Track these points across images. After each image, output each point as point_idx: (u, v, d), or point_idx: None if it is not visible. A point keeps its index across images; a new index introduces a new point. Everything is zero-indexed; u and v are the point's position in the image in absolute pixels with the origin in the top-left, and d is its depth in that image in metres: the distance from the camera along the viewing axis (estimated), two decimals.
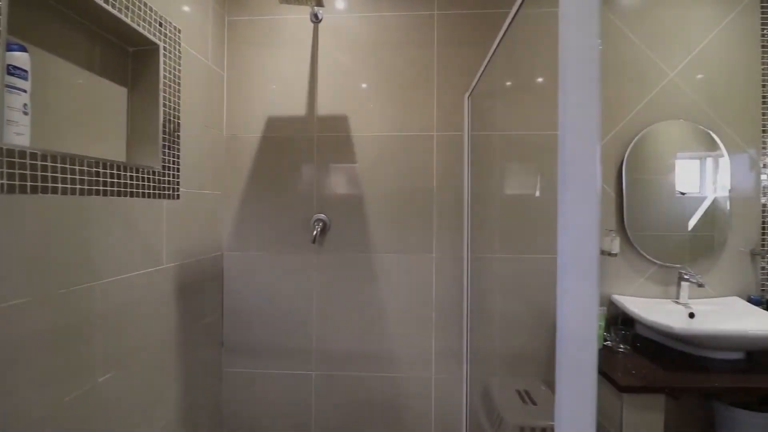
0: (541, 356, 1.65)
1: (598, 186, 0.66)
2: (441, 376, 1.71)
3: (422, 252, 1.71)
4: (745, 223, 1.68)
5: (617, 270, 1.67)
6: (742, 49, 1.70)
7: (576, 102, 0.69)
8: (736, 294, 1.64)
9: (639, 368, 1.28)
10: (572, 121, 0.68)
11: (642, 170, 1.70)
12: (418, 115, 1.72)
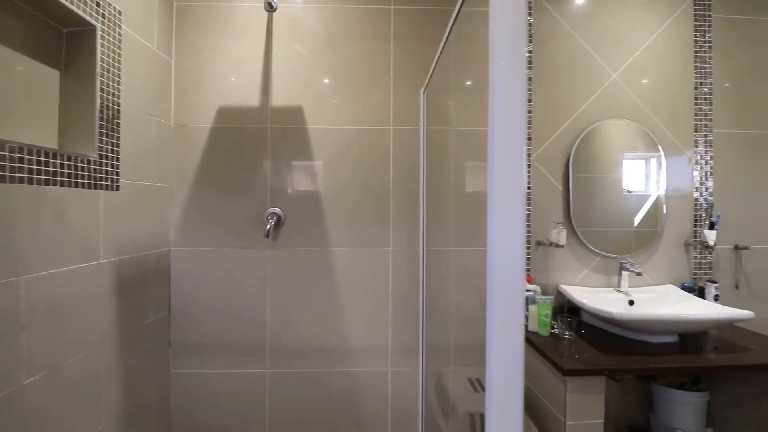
0: None
1: (523, 183, 0.68)
2: (398, 369, 1.71)
3: (379, 246, 1.71)
4: (680, 218, 1.80)
5: (565, 261, 1.74)
6: (677, 55, 1.83)
7: (504, 103, 0.72)
8: (671, 282, 1.76)
9: (582, 353, 1.34)
10: (500, 123, 0.71)
11: (592, 169, 1.78)
12: (375, 109, 1.72)
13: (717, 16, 1.84)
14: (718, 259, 1.80)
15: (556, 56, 1.77)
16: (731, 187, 1.82)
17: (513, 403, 0.70)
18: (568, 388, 1.25)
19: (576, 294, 1.60)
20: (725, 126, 1.83)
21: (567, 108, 1.77)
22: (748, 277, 1.81)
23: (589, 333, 1.54)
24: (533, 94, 1.76)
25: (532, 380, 1.51)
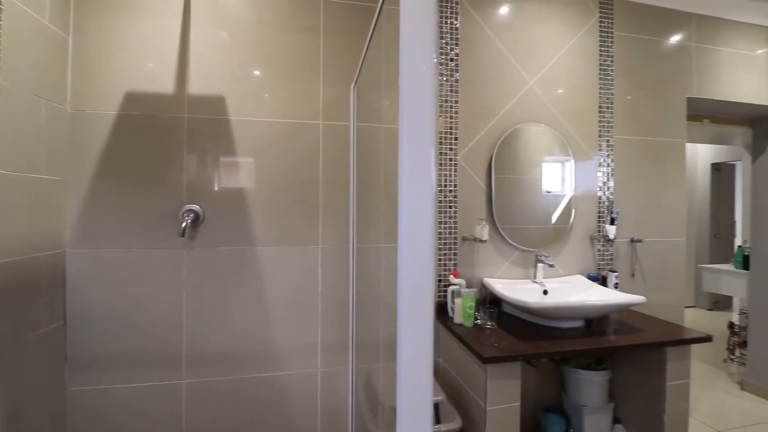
0: None
1: (432, 182, 0.70)
2: (328, 369, 1.68)
3: (308, 243, 1.66)
4: (586, 215, 1.99)
5: (488, 255, 1.83)
6: (585, 67, 2.01)
7: (413, 105, 0.73)
8: (579, 272, 1.94)
9: (501, 341, 1.41)
10: (409, 123, 0.72)
11: (515, 170, 1.89)
12: (304, 103, 1.67)
13: (619, 34, 2.06)
14: (618, 251, 2.02)
15: (481, 60, 1.86)
16: (628, 187, 2.05)
17: (422, 397, 0.71)
18: (488, 375, 1.31)
19: (497, 286, 1.69)
20: (624, 132, 2.05)
21: (490, 110, 1.87)
22: (642, 267, 2.05)
23: (509, 322, 1.63)
24: (460, 95, 1.83)
25: (457, 370, 1.57)
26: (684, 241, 2.16)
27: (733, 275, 2.96)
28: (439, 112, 1.79)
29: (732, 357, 2.85)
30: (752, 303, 2.60)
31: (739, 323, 2.81)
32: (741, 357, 2.73)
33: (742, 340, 2.74)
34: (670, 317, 1.89)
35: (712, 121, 2.58)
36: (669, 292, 2.10)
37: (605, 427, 1.70)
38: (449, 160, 1.80)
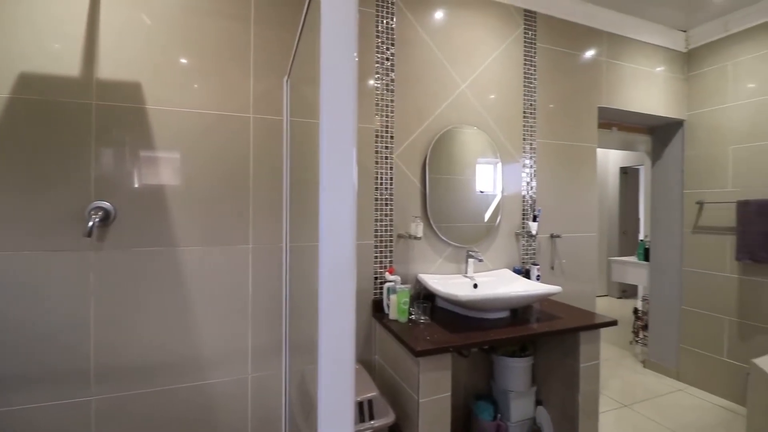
0: (357, 337, 1.73)
1: (354, 180, 0.69)
2: (259, 374, 1.61)
3: (237, 243, 1.58)
4: (513, 212, 2.12)
5: (422, 252, 1.88)
6: (511, 75, 2.14)
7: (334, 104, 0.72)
8: (506, 266, 2.06)
9: (434, 334, 1.45)
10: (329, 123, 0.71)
11: (450, 171, 1.96)
12: (233, 94, 1.58)
13: (541, 46, 2.23)
14: (540, 245, 2.18)
15: (417, 61, 1.90)
16: (549, 187, 2.22)
17: (343, 396, 0.70)
18: (420, 368, 1.34)
19: (431, 281, 1.74)
20: (545, 137, 2.22)
21: (425, 111, 1.92)
22: (560, 260, 2.24)
23: (442, 316, 1.69)
24: (396, 95, 1.85)
25: (392, 365, 1.58)
26: (596, 236, 2.39)
27: (637, 266, 3.35)
28: (375, 111, 1.80)
29: (636, 339, 3.22)
30: (652, 290, 2.96)
31: (642, 309, 3.18)
32: (643, 339, 3.09)
33: (644, 323, 3.10)
34: (584, 305, 2.08)
35: (620, 129, 2.89)
36: (583, 282, 2.31)
37: (529, 410, 1.83)
38: (385, 159, 1.81)
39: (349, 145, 0.71)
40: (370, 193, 1.78)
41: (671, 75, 2.67)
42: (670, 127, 2.80)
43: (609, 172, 5.25)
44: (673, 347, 2.75)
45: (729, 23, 2.45)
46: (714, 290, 2.52)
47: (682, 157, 2.73)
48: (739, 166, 2.42)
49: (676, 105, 2.68)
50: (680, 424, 2.17)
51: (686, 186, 2.70)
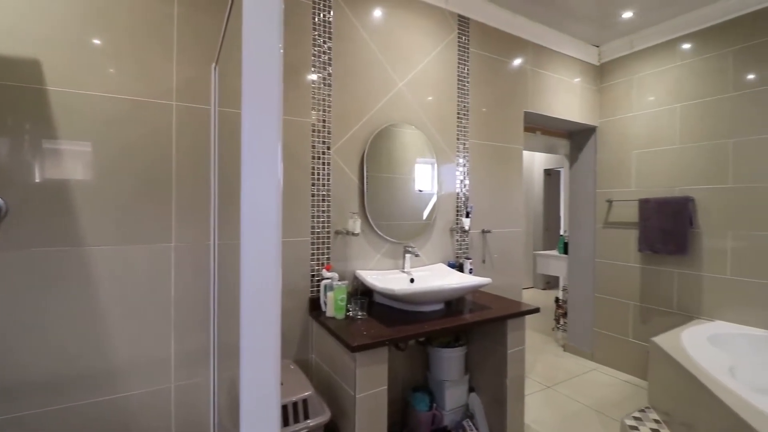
0: (293, 336, 1.68)
1: (279, 176, 0.67)
2: (185, 383, 1.49)
3: (158, 242, 1.45)
4: (448, 209, 2.20)
5: (360, 248, 1.88)
6: (447, 77, 2.22)
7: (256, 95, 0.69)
8: (441, 261, 2.13)
9: (370, 329, 1.46)
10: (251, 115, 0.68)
11: (390, 169, 1.98)
12: (153, 79, 1.45)
13: (474, 51, 2.33)
14: (472, 240, 2.29)
15: (355, 57, 1.89)
16: (480, 185, 2.34)
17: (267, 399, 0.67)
18: (357, 363, 1.34)
19: (368, 277, 1.74)
20: (477, 138, 2.33)
21: (363, 107, 1.91)
22: (491, 253, 2.37)
23: (379, 311, 1.70)
24: (334, 90, 1.82)
25: (329, 364, 1.56)
26: (521, 231, 2.56)
27: (557, 259, 3.66)
28: (312, 105, 1.77)
29: (558, 326, 3.51)
30: (570, 280, 3.24)
31: (563, 298, 3.48)
32: (564, 325, 3.38)
33: (564, 311, 3.39)
34: (512, 296, 2.22)
35: (543, 132, 3.13)
36: (511, 274, 2.47)
37: (462, 397, 1.91)
38: (322, 154, 1.78)
39: (273, 137, 0.68)
40: (306, 188, 1.74)
41: (586, 85, 2.95)
42: (585, 132, 3.10)
43: (534, 173, 5.67)
44: (588, 331, 3.05)
45: (634, 42, 2.77)
46: (620, 278, 2.83)
47: (594, 160, 3.03)
48: (640, 169, 2.74)
49: (590, 113, 2.97)
50: (595, 399, 2.40)
51: (598, 186, 3.00)
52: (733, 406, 1.37)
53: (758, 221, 2.17)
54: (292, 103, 1.71)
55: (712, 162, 2.37)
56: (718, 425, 1.46)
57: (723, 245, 2.31)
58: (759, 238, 2.17)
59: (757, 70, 2.19)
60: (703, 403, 1.56)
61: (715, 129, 2.36)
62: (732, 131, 2.28)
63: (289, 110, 1.70)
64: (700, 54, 2.44)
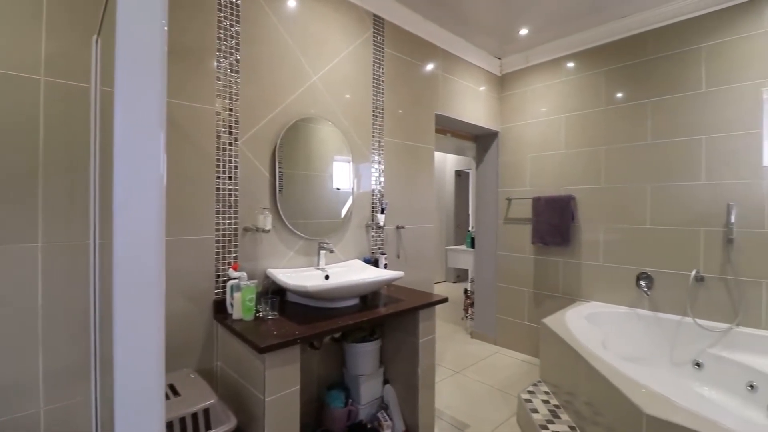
0: (194, 343, 1.55)
1: (161, 169, 0.60)
2: (57, 406, 1.27)
3: (19, 242, 1.21)
4: (363, 206, 2.22)
5: (272, 246, 1.80)
6: (362, 74, 2.23)
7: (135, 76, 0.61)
8: (356, 257, 2.15)
9: (282, 328, 1.40)
10: (126, 98, 0.60)
11: (307, 167, 1.93)
12: (13, 48, 1.20)
13: (389, 51, 2.38)
14: (387, 236, 2.34)
15: (266, 44, 1.80)
16: (394, 182, 2.40)
17: (148, 412, 0.60)
18: (266, 365, 1.27)
19: (280, 276, 1.67)
20: (392, 136, 2.39)
21: (276, 98, 1.83)
22: (405, 249, 2.45)
23: (292, 310, 1.64)
24: (242, 77, 1.71)
25: (236, 369, 1.47)
26: (433, 227, 2.70)
27: (466, 253, 3.94)
28: (217, 92, 1.64)
29: (466, 315, 3.77)
30: (476, 272, 3.51)
31: (470, 289, 3.75)
32: (471, 314, 3.65)
33: (472, 301, 3.66)
34: (425, 289, 2.32)
35: (453, 135, 3.33)
36: (424, 268, 2.58)
37: (377, 390, 1.94)
38: (229, 145, 1.66)
39: (155, 122, 0.60)
40: (210, 181, 1.60)
41: (490, 94, 3.22)
42: (489, 136, 3.38)
43: (447, 174, 6.03)
44: (492, 318, 3.33)
45: (529, 57, 3.09)
46: (518, 268, 3.14)
47: (497, 162, 3.32)
48: (534, 170, 3.07)
49: (493, 118, 3.24)
50: (497, 379, 2.63)
51: (500, 185, 3.29)
52: (605, 372, 1.60)
53: (623, 216, 2.59)
54: (194, 89, 1.56)
55: (589, 166, 2.75)
56: (593, 390, 1.70)
57: (597, 237, 2.71)
58: (624, 231, 2.58)
59: (623, 90, 2.60)
60: (581, 373, 1.80)
61: (591, 138, 2.74)
62: (604, 140, 2.68)
63: (189, 95, 1.55)
64: (580, 72, 2.82)
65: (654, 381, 1.48)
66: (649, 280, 2.47)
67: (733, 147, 2.17)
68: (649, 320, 2.42)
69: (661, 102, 2.43)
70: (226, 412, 1.25)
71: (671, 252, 2.38)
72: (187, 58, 1.56)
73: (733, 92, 2.17)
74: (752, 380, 1.93)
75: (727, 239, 2.16)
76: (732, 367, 2.04)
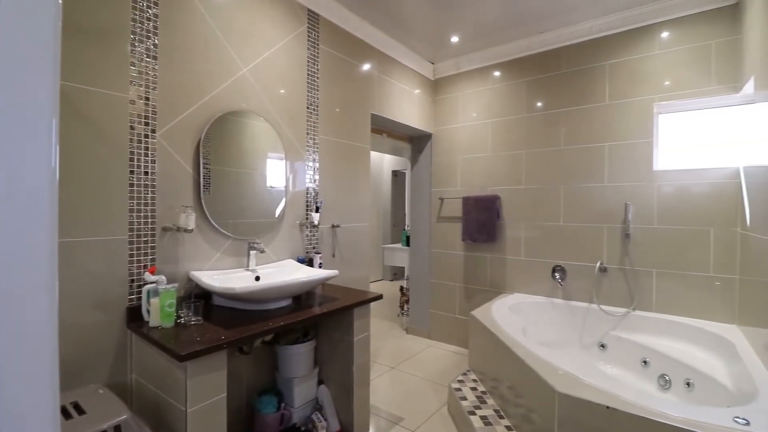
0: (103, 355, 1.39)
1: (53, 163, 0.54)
2: None
3: None
4: (297, 204, 2.17)
5: (196, 247, 1.68)
6: (296, 69, 2.17)
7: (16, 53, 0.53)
8: (290, 257, 2.09)
9: (206, 334, 1.31)
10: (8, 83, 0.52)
11: (238, 163, 1.84)
12: None
13: (324, 48, 2.35)
14: (322, 235, 2.31)
15: (188, 30, 1.67)
16: (330, 180, 2.38)
17: None
18: (188, 373, 1.19)
19: (205, 278, 1.57)
20: (327, 134, 2.37)
21: (201, 88, 1.71)
22: (340, 247, 2.44)
23: (219, 314, 1.55)
24: (160, 64, 1.58)
25: (154, 381, 1.35)
26: (369, 226, 2.72)
27: (402, 251, 4.03)
28: (131, 78, 1.49)
29: (402, 312, 3.86)
30: (411, 269, 3.61)
31: (406, 286, 3.84)
32: (407, 311, 3.74)
33: (407, 298, 3.75)
34: (361, 288, 2.33)
35: (389, 135, 3.39)
36: (360, 267, 2.60)
37: (312, 391, 1.91)
38: (144, 137, 1.52)
39: (44, 106, 0.53)
40: (122, 177, 1.45)
41: (424, 97, 3.33)
42: (423, 138, 3.49)
43: (384, 174, 6.12)
44: (426, 313, 3.45)
45: (460, 64, 3.24)
46: (450, 265, 3.29)
47: (431, 163, 3.44)
48: (464, 171, 3.23)
49: (427, 121, 3.36)
50: (431, 372, 2.73)
51: (433, 185, 3.42)
52: (523, 357, 1.74)
53: (541, 214, 2.83)
54: (104, 73, 1.41)
55: (512, 168, 2.97)
56: (515, 374, 1.83)
57: (519, 234, 2.93)
58: (542, 228, 2.83)
59: (541, 99, 2.84)
60: (505, 359, 1.93)
61: (514, 142, 2.96)
62: (525, 144, 2.90)
63: (98, 80, 1.39)
64: (505, 81, 3.02)
65: (566, 362, 1.64)
66: (562, 272, 2.73)
67: (631, 153, 2.48)
68: (563, 308, 2.68)
69: (572, 111, 2.70)
70: (142, 428, 1.14)
71: (580, 246, 2.66)
72: (98, 40, 1.40)
73: (631, 105, 2.49)
74: (645, 357, 2.23)
75: (625, 234, 2.46)
76: (629, 347, 2.33)
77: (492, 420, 1.86)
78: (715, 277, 2.20)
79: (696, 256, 2.26)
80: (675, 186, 2.33)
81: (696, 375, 1.90)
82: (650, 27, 2.42)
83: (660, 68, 2.39)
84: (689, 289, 2.28)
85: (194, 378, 1.20)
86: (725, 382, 1.72)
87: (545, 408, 1.51)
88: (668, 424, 1.22)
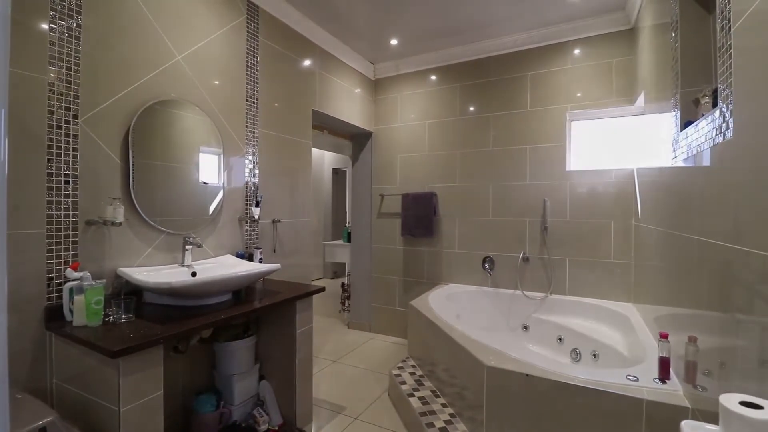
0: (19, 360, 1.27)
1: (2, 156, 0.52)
2: None
3: None
4: (236, 199, 2.12)
5: (125, 242, 1.58)
6: (234, 61, 2.12)
7: None
8: (229, 252, 2.04)
9: (139, 331, 1.26)
10: None
11: (169, 156, 1.76)
12: None
13: (264, 41, 2.32)
14: (262, 230, 2.29)
15: (116, 10, 1.57)
16: (270, 174, 2.36)
17: None
18: (121, 371, 1.14)
19: (136, 274, 1.49)
20: (267, 128, 2.34)
21: (128, 74, 1.61)
22: (281, 242, 2.43)
23: (152, 311, 1.48)
24: (84, 45, 1.46)
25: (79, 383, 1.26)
26: (310, 221, 2.74)
27: (343, 247, 4.08)
28: (50, 60, 1.37)
29: (343, 308, 3.91)
30: (352, 265, 3.67)
31: (348, 282, 3.89)
32: (348, 306, 3.79)
33: (348, 294, 3.81)
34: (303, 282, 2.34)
35: (330, 132, 3.42)
36: (302, 262, 2.60)
37: (253, 387, 1.89)
38: (65, 123, 1.40)
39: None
40: (39, 165, 1.33)
41: (365, 96, 3.40)
42: (364, 136, 3.57)
43: (325, 172, 6.11)
44: (368, 307, 3.53)
45: (399, 66, 3.37)
46: (390, 259, 3.41)
47: (371, 160, 3.53)
48: (403, 169, 3.37)
49: (368, 119, 3.44)
50: (373, 362, 2.82)
51: (374, 182, 3.51)
52: (456, 338, 1.89)
53: (473, 210, 3.05)
54: (17, 52, 1.28)
55: (447, 166, 3.16)
56: (449, 356, 1.98)
57: (454, 228, 3.13)
58: (473, 222, 3.05)
59: (473, 103, 3.06)
60: (440, 342, 2.07)
61: (449, 142, 3.15)
62: (459, 145, 3.11)
63: (12, 60, 1.26)
64: (441, 85, 3.21)
65: (494, 342, 1.81)
66: (491, 262, 2.97)
67: (548, 155, 2.78)
68: (492, 295, 2.92)
69: (499, 116, 2.96)
70: (70, 430, 1.07)
71: (506, 239, 2.92)
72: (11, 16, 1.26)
73: (548, 113, 2.79)
74: (561, 334, 2.52)
75: (543, 227, 2.76)
76: (547, 326, 2.62)
77: (429, 400, 1.99)
78: (615, 263, 2.56)
79: (600, 245, 2.60)
80: (583, 184, 2.66)
81: (600, 347, 2.20)
82: (564, 44, 2.74)
83: (572, 81, 2.71)
84: (595, 274, 2.62)
85: (128, 376, 1.15)
86: (623, 350, 2.02)
87: (476, 382, 1.67)
88: (576, 384, 1.42)
